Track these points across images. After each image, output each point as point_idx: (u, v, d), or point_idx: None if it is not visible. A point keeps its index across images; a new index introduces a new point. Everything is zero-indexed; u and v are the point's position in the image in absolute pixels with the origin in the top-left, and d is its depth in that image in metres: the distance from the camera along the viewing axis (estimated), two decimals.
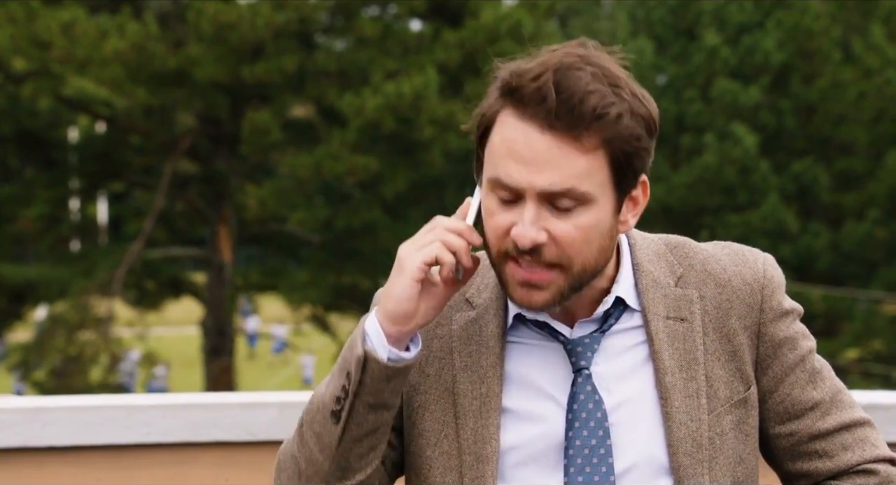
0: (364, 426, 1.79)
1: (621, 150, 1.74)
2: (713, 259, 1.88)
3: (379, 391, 1.78)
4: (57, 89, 19.50)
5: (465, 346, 1.85)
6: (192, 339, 26.40)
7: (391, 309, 1.77)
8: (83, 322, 19.71)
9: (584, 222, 1.75)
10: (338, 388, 1.79)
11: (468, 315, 1.87)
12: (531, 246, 1.73)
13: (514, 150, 1.74)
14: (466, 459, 1.81)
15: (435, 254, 1.77)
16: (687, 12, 22.80)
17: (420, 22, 20.24)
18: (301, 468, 1.83)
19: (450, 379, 1.85)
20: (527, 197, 1.74)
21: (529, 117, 1.73)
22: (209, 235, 21.05)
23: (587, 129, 1.72)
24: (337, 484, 1.81)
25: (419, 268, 1.76)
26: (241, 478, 3.17)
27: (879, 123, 21.97)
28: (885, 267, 21.81)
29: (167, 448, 3.14)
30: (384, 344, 1.78)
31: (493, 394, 1.82)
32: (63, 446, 3.10)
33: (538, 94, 1.72)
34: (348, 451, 1.80)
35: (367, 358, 1.77)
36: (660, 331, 1.82)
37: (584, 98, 1.71)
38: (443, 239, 1.78)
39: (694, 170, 21.52)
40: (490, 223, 1.78)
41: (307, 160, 18.70)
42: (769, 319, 1.86)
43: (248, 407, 3.17)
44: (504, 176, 1.75)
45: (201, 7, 18.00)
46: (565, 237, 1.74)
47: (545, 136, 1.72)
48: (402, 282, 1.77)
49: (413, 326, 1.79)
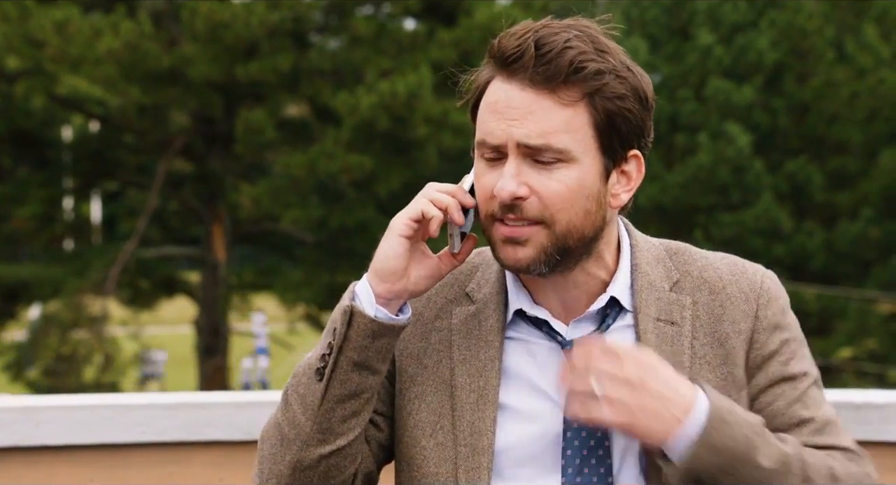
0: (348, 386, 1.79)
1: (603, 108, 1.76)
2: (711, 267, 1.88)
3: (364, 348, 1.78)
4: (50, 88, 19.47)
5: (465, 340, 1.86)
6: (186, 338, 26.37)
7: (378, 266, 1.80)
8: (77, 321, 19.69)
9: (566, 179, 1.76)
10: (323, 346, 1.81)
11: (468, 309, 1.88)
12: (511, 198, 1.75)
13: (496, 109, 1.77)
14: (462, 451, 1.82)
15: (421, 208, 1.79)
16: (681, 12, 22.82)
17: (414, 21, 20.24)
18: (284, 433, 1.82)
19: (448, 372, 1.85)
20: (508, 152, 1.76)
21: (511, 76, 1.77)
22: (203, 235, 21.03)
23: (564, 82, 1.75)
24: (318, 447, 1.80)
25: (405, 223, 1.79)
26: (236, 477, 3.16)
27: (873, 123, 21.99)
28: (879, 266, 21.84)
29: (161, 448, 3.14)
30: (372, 302, 1.79)
31: (490, 387, 1.83)
32: (57, 446, 3.10)
33: (518, 52, 1.76)
34: (331, 411, 1.79)
35: (353, 312, 1.78)
36: (648, 332, 1.82)
37: (561, 52, 1.74)
38: (430, 197, 1.80)
39: (688, 169, 21.54)
40: (478, 187, 1.81)
41: (301, 159, 18.69)
42: (763, 327, 1.84)
43: (242, 406, 3.17)
44: (486, 134, 1.78)
45: (195, 6, 17.98)
46: (546, 192, 1.75)
47: (525, 91, 1.76)
48: (388, 238, 1.79)
49: (401, 286, 1.80)
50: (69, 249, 24.09)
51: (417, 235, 1.81)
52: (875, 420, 3.06)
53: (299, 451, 1.81)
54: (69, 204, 24.01)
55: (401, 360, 1.88)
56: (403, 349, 1.88)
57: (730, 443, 1.69)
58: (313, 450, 1.80)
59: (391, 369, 1.88)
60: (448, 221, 1.81)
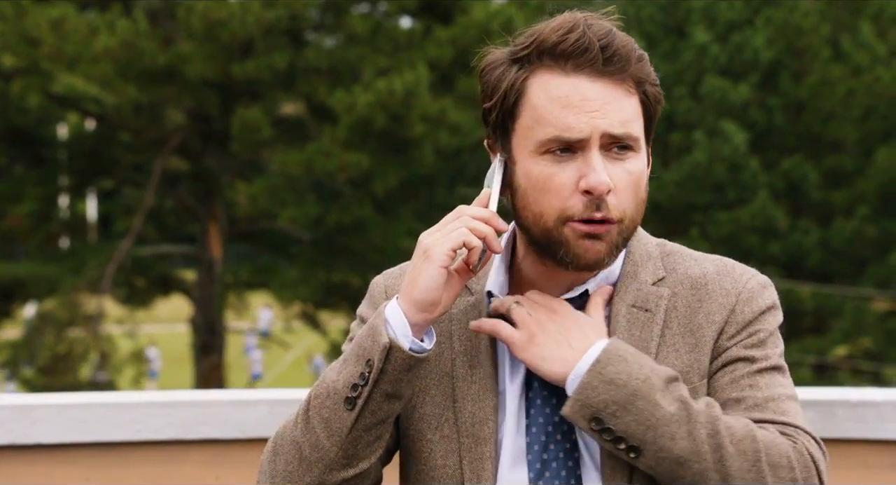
0: (377, 415, 1.79)
1: (652, 95, 1.81)
2: (697, 266, 1.87)
3: (398, 381, 1.78)
4: (46, 86, 19.45)
5: (465, 330, 1.86)
6: (182, 336, 26.36)
7: (419, 297, 1.77)
8: (72, 320, 19.69)
9: (635, 169, 1.79)
10: (355, 375, 1.78)
11: (467, 300, 1.88)
12: (606, 190, 1.75)
13: (569, 103, 1.76)
14: (465, 441, 1.82)
15: (463, 239, 1.77)
16: (676, 10, 22.83)
17: (411, 19, 20.24)
18: (304, 454, 1.81)
19: (448, 363, 1.86)
20: (591, 145, 1.76)
21: (573, 70, 1.77)
22: (199, 233, 21.02)
23: (629, 72, 1.77)
24: (341, 471, 1.80)
25: (447, 255, 1.76)
26: (232, 476, 3.16)
27: (868, 121, 22.01)
28: (875, 264, 21.85)
29: (157, 446, 3.14)
30: (408, 334, 1.78)
31: (488, 376, 1.83)
32: (52, 444, 3.09)
33: (580, 46, 1.76)
34: (358, 439, 1.79)
35: (391, 347, 1.76)
36: (620, 315, 1.83)
37: (623, 43, 1.78)
38: (469, 226, 1.78)
39: (684, 167, 21.55)
40: (547, 188, 1.77)
41: (298, 157, 18.69)
42: (736, 321, 1.82)
43: (238, 405, 3.17)
44: (563, 130, 1.76)
45: (191, 4, 17.98)
46: (623, 185, 1.77)
47: (596, 83, 1.76)
48: (430, 269, 1.76)
49: (437, 314, 1.79)
50: (65, 247, 24.08)
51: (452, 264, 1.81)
52: (871, 418, 3.07)
53: (322, 474, 1.80)
54: (65, 202, 23.99)
55: None
56: None
57: (625, 377, 1.71)
58: (336, 474, 1.80)
59: None
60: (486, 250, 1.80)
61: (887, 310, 22.58)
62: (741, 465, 1.70)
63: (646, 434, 1.71)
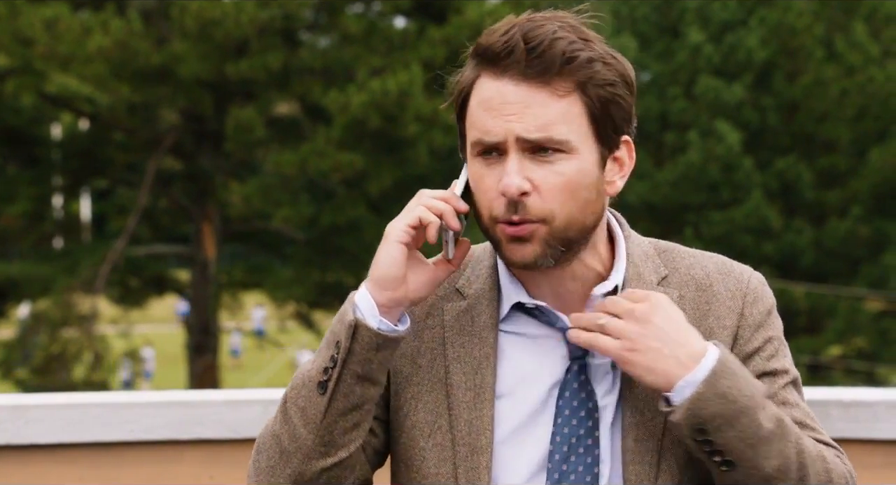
0: (350, 399, 1.78)
1: (597, 95, 1.76)
2: (699, 265, 1.88)
3: (368, 361, 1.77)
4: (40, 86, 19.42)
5: (458, 336, 1.85)
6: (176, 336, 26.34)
7: (378, 274, 1.78)
8: (66, 320, 19.65)
9: (567, 171, 1.76)
10: (326, 359, 1.79)
11: (459, 305, 1.87)
12: (518, 193, 1.74)
13: (490, 106, 1.77)
14: (461, 450, 1.81)
15: (418, 215, 1.78)
16: (670, 10, 22.84)
17: (405, 19, 20.23)
18: (283, 446, 1.80)
19: (442, 370, 1.84)
20: (508, 148, 1.76)
21: (502, 73, 1.76)
22: (193, 233, 21.00)
23: (558, 74, 1.75)
24: (320, 460, 1.79)
25: (403, 230, 1.78)
26: (226, 476, 3.16)
27: (862, 121, 22.04)
28: (868, 264, 21.88)
29: (151, 446, 3.13)
30: (375, 314, 1.78)
31: (486, 385, 1.82)
32: (46, 444, 3.09)
33: (507, 48, 1.75)
34: (333, 424, 1.78)
35: (357, 325, 1.76)
36: None
37: (551, 44, 1.74)
38: (426, 203, 1.79)
39: (678, 167, 21.56)
40: (479, 189, 1.80)
41: (292, 157, 18.67)
42: (748, 324, 1.85)
43: (232, 405, 3.17)
44: (483, 133, 1.77)
45: (185, 4, 17.96)
46: (547, 186, 1.75)
47: (519, 86, 1.75)
48: (387, 246, 1.78)
49: (402, 294, 1.78)
50: (58, 247, 24.04)
51: (414, 242, 1.80)
52: (864, 418, 3.07)
53: (300, 464, 1.80)
54: (58, 202, 23.96)
55: (395, 361, 1.87)
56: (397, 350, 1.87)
57: (736, 392, 1.71)
58: (315, 463, 1.79)
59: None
60: (443, 228, 1.80)
61: (881, 310, 22.61)
62: (817, 481, 1.76)
63: (745, 451, 1.72)
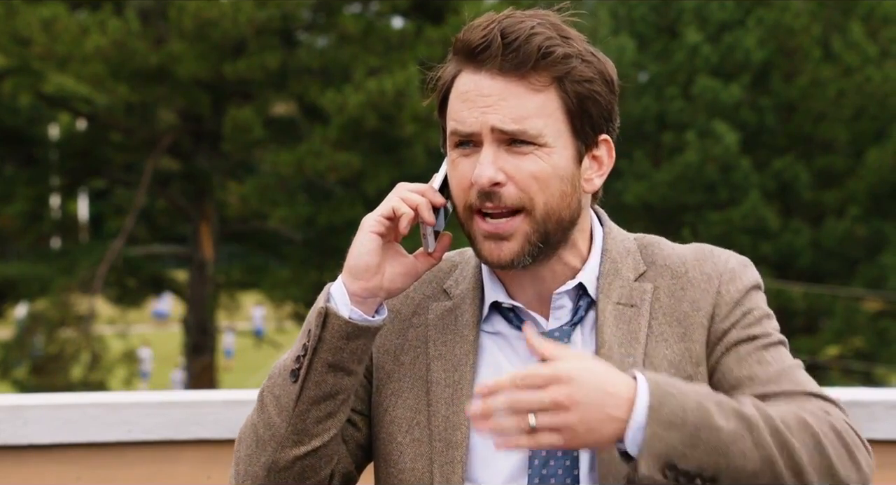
0: (322, 387, 1.79)
1: (574, 91, 1.78)
2: (676, 256, 1.88)
3: (338, 350, 1.78)
4: (37, 86, 19.41)
5: (441, 335, 1.86)
6: (174, 336, 26.33)
7: (351, 263, 1.80)
8: (64, 320, 19.64)
9: (542, 163, 1.77)
10: (298, 348, 1.80)
11: (444, 305, 1.88)
12: (489, 184, 1.75)
13: (467, 98, 1.79)
14: (437, 445, 1.82)
15: (392, 205, 1.80)
16: (668, 10, 22.85)
17: (402, 19, 20.23)
18: (259, 434, 1.82)
19: (424, 368, 1.85)
20: (483, 139, 1.77)
21: (480, 66, 1.79)
22: (191, 233, 20.99)
23: (534, 68, 1.76)
24: (292, 448, 1.80)
25: (376, 220, 1.80)
26: (223, 476, 3.16)
27: (859, 121, 22.05)
28: (866, 264, 21.89)
29: (148, 446, 3.13)
30: (347, 303, 1.79)
31: (465, 382, 1.83)
32: (44, 444, 3.09)
33: (484, 42, 1.77)
34: (305, 413, 1.79)
35: (327, 313, 1.78)
36: (607, 312, 1.83)
37: (528, 39, 1.76)
38: (401, 195, 1.82)
39: (675, 167, 21.56)
40: (454, 178, 1.81)
41: (289, 157, 18.67)
42: (724, 302, 1.83)
43: (229, 404, 3.17)
44: (459, 123, 1.79)
45: (183, 4, 17.95)
46: (521, 175, 1.76)
47: (496, 79, 1.77)
48: (360, 236, 1.80)
49: (375, 284, 1.79)
50: (56, 247, 24.02)
51: (390, 234, 1.81)
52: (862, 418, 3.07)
53: (274, 452, 1.81)
54: (56, 202, 23.95)
55: (378, 357, 1.88)
56: (380, 346, 1.88)
57: (680, 413, 1.62)
58: (288, 451, 1.80)
59: (368, 365, 1.88)
60: (420, 221, 1.81)
61: (878, 310, 22.62)
62: (807, 452, 1.69)
63: (718, 462, 1.64)
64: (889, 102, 21.75)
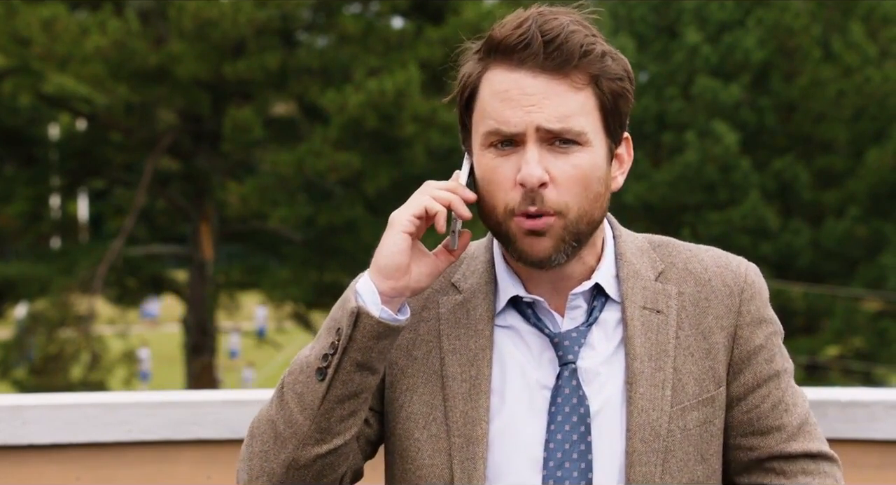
0: (349, 386, 1.78)
1: (609, 88, 1.78)
2: (695, 259, 1.89)
3: (368, 350, 1.77)
4: (37, 86, 19.40)
5: (453, 329, 1.85)
6: (174, 336, 26.33)
7: (382, 263, 1.78)
8: (64, 320, 19.64)
9: (582, 163, 1.77)
10: (326, 346, 1.79)
11: (455, 299, 1.87)
12: (538, 183, 1.74)
13: (508, 97, 1.76)
14: (456, 441, 1.81)
15: (424, 205, 1.78)
16: (668, 10, 22.85)
17: (402, 19, 20.23)
18: (278, 431, 1.80)
19: (437, 362, 1.85)
20: (527, 139, 1.76)
21: (518, 65, 1.76)
22: (190, 233, 20.99)
23: (576, 67, 1.76)
24: (315, 446, 1.79)
25: (408, 220, 1.78)
26: (223, 476, 3.16)
27: (859, 121, 22.05)
28: (866, 264, 21.89)
29: (148, 446, 3.13)
30: (377, 302, 1.78)
31: (482, 377, 1.82)
32: (43, 445, 3.09)
33: (523, 40, 1.75)
34: (330, 412, 1.78)
35: (359, 313, 1.76)
36: (635, 319, 1.83)
37: (568, 37, 1.75)
38: (432, 193, 1.79)
39: (675, 168, 21.57)
40: (493, 180, 1.79)
41: (289, 158, 18.67)
42: (746, 323, 1.85)
43: (229, 404, 3.17)
44: (501, 123, 1.77)
45: (183, 4, 17.95)
46: (563, 177, 1.76)
47: (538, 78, 1.76)
48: (392, 235, 1.78)
49: (404, 284, 1.78)
50: (56, 247, 24.01)
51: (418, 232, 1.80)
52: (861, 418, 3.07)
53: (295, 450, 1.79)
54: (56, 202, 23.94)
55: (391, 353, 1.87)
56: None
57: None
58: (310, 449, 1.79)
59: None
60: (452, 218, 1.80)
61: (878, 310, 22.62)
62: None
63: None
64: (889, 102, 21.75)
